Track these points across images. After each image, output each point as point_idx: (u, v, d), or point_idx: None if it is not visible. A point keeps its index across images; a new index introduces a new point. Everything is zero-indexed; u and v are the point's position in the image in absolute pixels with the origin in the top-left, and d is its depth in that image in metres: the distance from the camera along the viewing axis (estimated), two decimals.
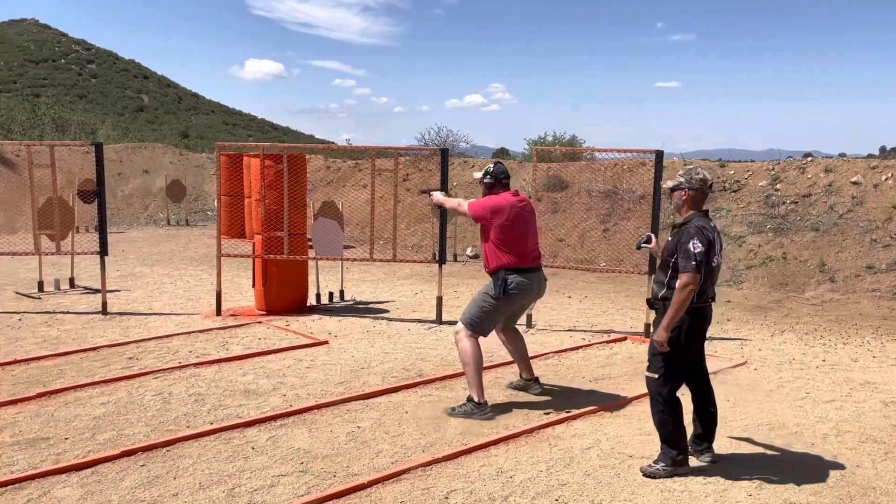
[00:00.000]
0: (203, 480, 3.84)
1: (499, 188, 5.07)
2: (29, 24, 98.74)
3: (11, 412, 4.83)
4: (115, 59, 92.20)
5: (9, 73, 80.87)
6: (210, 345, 6.67)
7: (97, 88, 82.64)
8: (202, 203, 19.80)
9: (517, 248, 4.91)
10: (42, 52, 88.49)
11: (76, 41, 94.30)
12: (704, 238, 3.82)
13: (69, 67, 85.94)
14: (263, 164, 7.86)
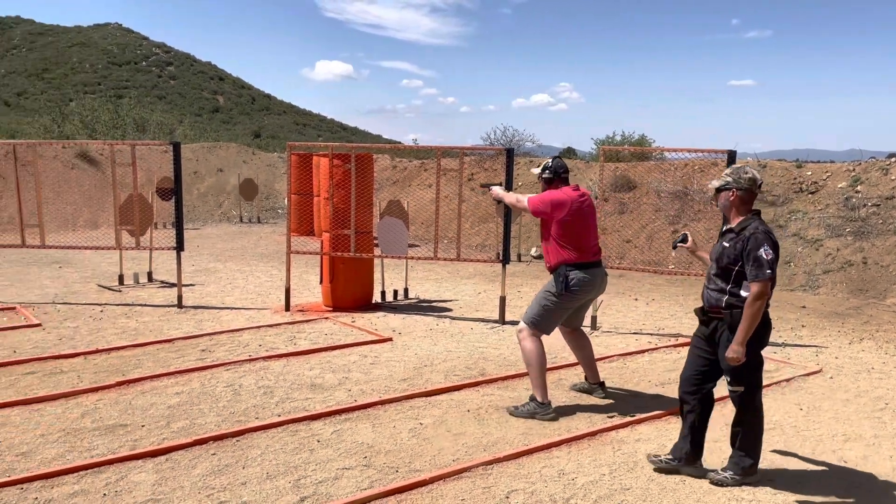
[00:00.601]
0: (270, 471, 3.95)
1: (558, 183, 5.02)
2: (113, 28, 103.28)
3: (93, 399, 5.08)
4: (193, 61, 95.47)
5: (94, 76, 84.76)
6: (279, 339, 6.85)
7: (175, 90, 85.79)
8: (273, 201, 20.32)
9: (578, 243, 4.86)
10: (125, 55, 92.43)
11: (156, 44, 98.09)
12: (774, 243, 3.68)
13: (149, 70, 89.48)
14: (332, 164, 8.01)
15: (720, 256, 3.80)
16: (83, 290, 9.19)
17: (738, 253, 3.70)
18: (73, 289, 9.29)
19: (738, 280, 3.71)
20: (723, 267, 3.78)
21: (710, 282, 3.88)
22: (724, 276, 3.78)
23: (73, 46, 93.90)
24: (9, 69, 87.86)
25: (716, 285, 3.82)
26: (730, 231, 3.83)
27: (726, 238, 3.82)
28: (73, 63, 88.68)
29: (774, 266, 3.63)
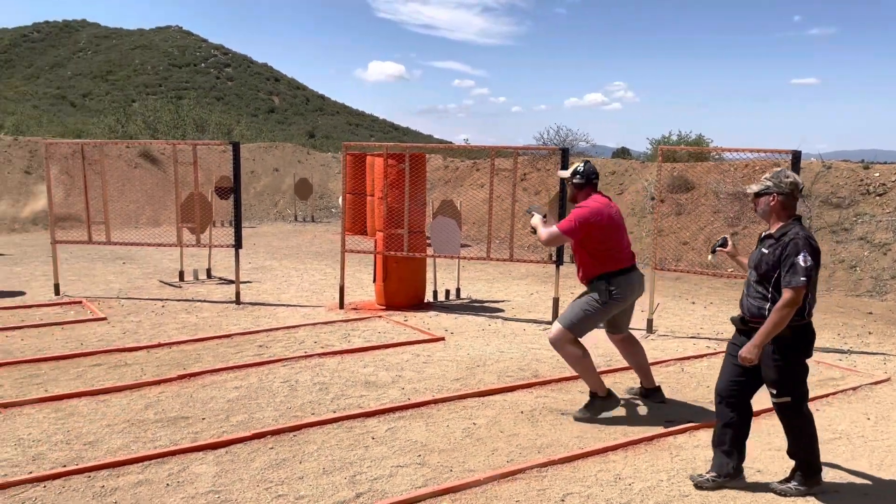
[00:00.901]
0: (326, 466, 4.00)
1: (589, 189, 4.92)
2: (173, 31, 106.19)
3: (156, 391, 5.23)
4: (250, 62, 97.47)
5: (155, 77, 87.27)
6: (333, 336, 6.94)
7: (233, 91, 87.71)
8: (327, 200, 20.60)
9: (616, 250, 4.81)
10: (185, 57, 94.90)
11: (215, 46, 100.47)
12: (814, 249, 3.54)
13: (208, 71, 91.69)
14: (387, 164, 8.07)
15: (759, 263, 3.66)
16: (145, 286, 9.47)
17: (777, 259, 3.57)
18: (135, 284, 9.58)
19: (779, 287, 3.57)
20: (762, 274, 3.64)
21: (750, 289, 3.73)
22: (764, 284, 3.64)
23: (135, 49, 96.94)
24: (75, 71, 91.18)
25: (756, 293, 3.68)
26: (769, 237, 3.70)
27: (765, 244, 3.69)
28: (135, 65, 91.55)
29: (812, 273, 3.50)
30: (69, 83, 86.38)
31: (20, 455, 4.08)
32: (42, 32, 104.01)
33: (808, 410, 3.75)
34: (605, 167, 16.00)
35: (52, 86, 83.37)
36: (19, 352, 6.17)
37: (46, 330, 6.95)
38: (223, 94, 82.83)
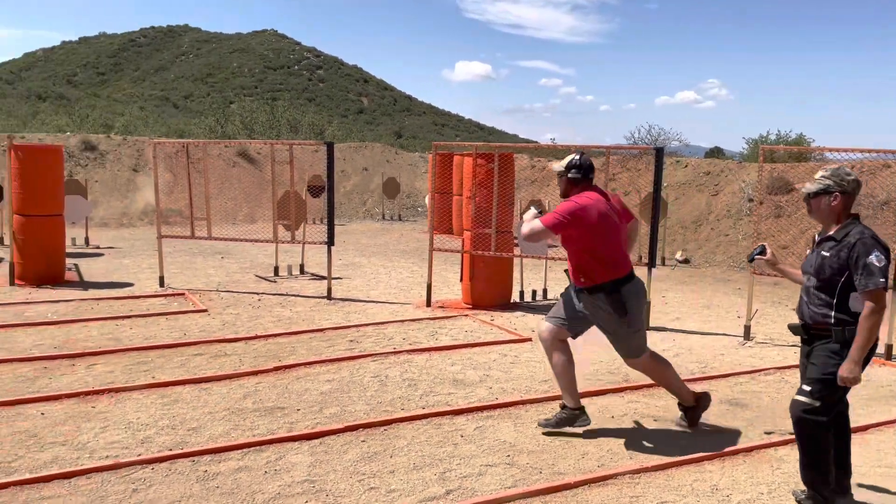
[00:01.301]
0: (417, 462, 4.05)
1: (585, 185, 4.40)
2: (269, 35, 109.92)
3: (253, 381, 5.43)
4: (341, 64, 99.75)
5: (251, 80, 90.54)
6: (421, 334, 7.02)
7: (324, 92, 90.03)
8: (413, 199, 20.86)
9: (614, 251, 4.31)
10: (279, 60, 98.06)
11: (308, 49, 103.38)
12: (885, 248, 3.29)
13: (301, 73, 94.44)
14: (476, 163, 8.10)
15: (821, 268, 3.41)
16: (242, 280, 9.85)
17: (843, 262, 3.33)
18: (233, 278, 9.98)
19: (845, 292, 3.34)
20: (825, 279, 3.39)
21: (811, 297, 3.48)
22: (828, 290, 3.40)
23: (233, 52, 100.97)
24: (178, 74, 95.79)
25: (819, 300, 3.43)
26: (829, 239, 3.44)
27: (825, 247, 3.44)
28: (233, 68, 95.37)
29: (887, 273, 3.26)
30: (172, 85, 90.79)
31: (130, 438, 4.32)
32: (148, 37, 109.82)
33: (830, 426, 3.42)
34: (699, 167, 15.51)
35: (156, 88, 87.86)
36: (128, 340, 6.54)
37: (153, 320, 7.34)
38: (315, 96, 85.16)
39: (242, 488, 3.68)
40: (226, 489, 3.67)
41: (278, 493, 3.64)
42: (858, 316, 3.30)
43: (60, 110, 34.28)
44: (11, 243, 9.06)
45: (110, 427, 4.45)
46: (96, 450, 4.12)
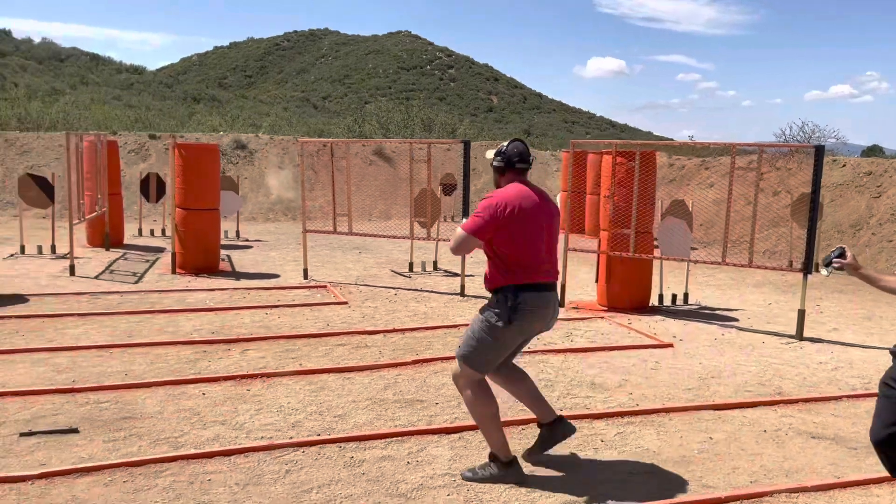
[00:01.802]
0: (544, 461, 4.01)
1: (511, 175, 3.87)
2: (403, 36, 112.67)
3: (393, 373, 5.58)
4: (472, 63, 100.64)
5: (385, 80, 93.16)
6: (555, 334, 6.94)
7: (454, 91, 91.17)
8: None
9: (528, 256, 3.69)
10: (412, 60, 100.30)
11: (440, 49, 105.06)
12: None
13: (433, 73, 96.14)
14: (615, 161, 7.90)
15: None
16: (379, 275, 10.16)
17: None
18: (370, 272, 10.32)
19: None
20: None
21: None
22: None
23: (369, 54, 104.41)
24: (318, 76, 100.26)
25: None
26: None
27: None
28: (368, 69, 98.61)
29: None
30: (312, 87, 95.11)
31: (282, 421, 4.56)
32: (291, 41, 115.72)
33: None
34: (859, 167, 14.35)
35: (297, 89, 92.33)
36: (277, 328, 6.91)
37: (298, 310, 7.71)
38: (445, 95, 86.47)
39: (387, 476, 3.79)
40: (371, 476, 3.79)
41: (421, 485, 3.72)
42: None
43: (213, 111, 36.83)
44: (173, 235, 9.82)
45: (264, 410, 4.72)
46: (252, 430, 4.37)
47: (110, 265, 10.08)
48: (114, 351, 5.89)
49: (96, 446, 4.06)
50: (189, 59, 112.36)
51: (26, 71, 49.27)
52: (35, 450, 3.98)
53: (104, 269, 9.71)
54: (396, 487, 3.68)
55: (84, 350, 5.87)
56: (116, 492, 3.53)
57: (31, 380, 5.12)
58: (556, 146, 28.44)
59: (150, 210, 15.55)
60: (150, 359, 5.73)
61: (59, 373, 5.29)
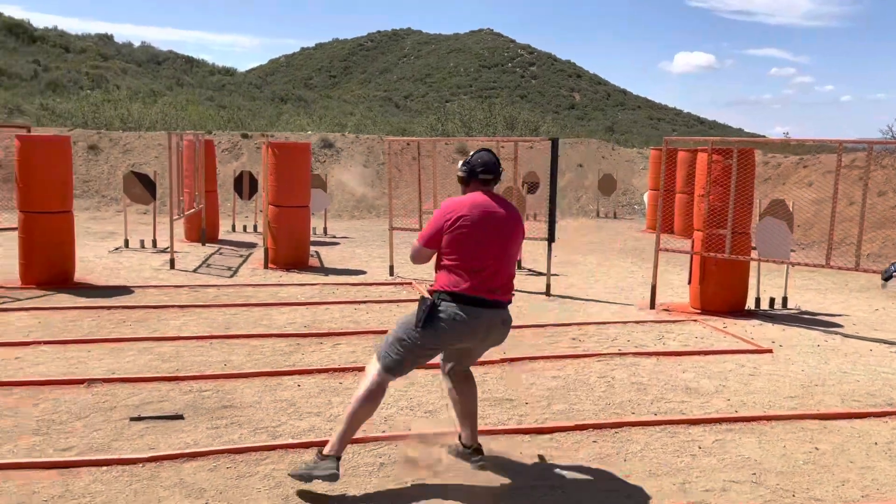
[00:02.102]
0: (652, 469, 3.91)
1: (474, 186, 3.67)
2: (485, 34, 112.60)
3: (480, 371, 5.56)
4: (554, 60, 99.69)
5: (466, 78, 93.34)
6: (647, 336, 6.78)
7: (536, 88, 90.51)
8: (629, 197, 20.27)
9: (466, 264, 3.48)
10: (493, 58, 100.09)
11: (521, 46, 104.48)
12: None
13: (514, 70, 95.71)
14: (711, 159, 7.65)
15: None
16: None
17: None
18: None
19: None
20: None
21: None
22: None
23: (450, 52, 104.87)
24: (400, 75, 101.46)
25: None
26: None
27: None
28: (449, 68, 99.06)
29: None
30: (394, 86, 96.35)
31: (375, 415, 4.61)
32: (374, 41, 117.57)
33: None
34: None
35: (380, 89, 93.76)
36: (365, 323, 7.02)
37: (385, 306, 7.82)
38: (527, 93, 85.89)
39: (479, 475, 3.78)
40: (462, 474, 3.79)
41: (512, 485, 3.70)
42: None
43: (301, 111, 37.85)
44: (265, 231, 10.14)
45: None
46: None
47: (207, 259, 10.51)
48: (213, 342, 6.13)
49: (200, 433, 4.23)
50: (277, 60, 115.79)
51: (127, 74, 51.94)
52: (144, 434, 4.18)
53: (201, 263, 10.12)
54: (493, 484, 3.67)
55: (186, 340, 6.14)
56: (220, 477, 3.67)
57: (139, 367, 5.39)
58: (641, 143, 27.79)
59: (242, 207, 16.12)
60: (247, 350, 5.94)
61: (164, 361, 5.54)
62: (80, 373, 5.19)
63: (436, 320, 3.45)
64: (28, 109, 25.70)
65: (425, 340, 3.49)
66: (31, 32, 55.01)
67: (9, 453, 3.87)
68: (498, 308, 3.56)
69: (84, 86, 39.24)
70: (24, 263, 8.14)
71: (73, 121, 23.10)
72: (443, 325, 3.45)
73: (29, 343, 5.87)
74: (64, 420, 4.33)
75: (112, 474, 3.66)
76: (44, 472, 3.65)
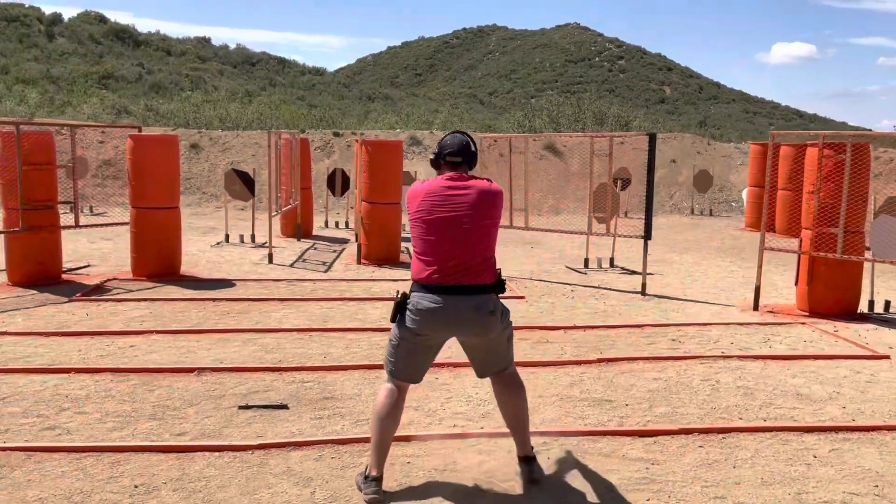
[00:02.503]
0: (765, 477, 3.74)
1: (444, 169, 3.55)
2: (571, 28, 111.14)
3: (577, 371, 5.49)
4: (643, 54, 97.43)
5: (552, 74, 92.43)
6: (751, 339, 6.51)
7: (624, 83, 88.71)
8: (726, 194, 19.55)
9: (428, 252, 3.40)
10: (580, 53, 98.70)
11: (609, 40, 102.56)
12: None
13: (601, 65, 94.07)
14: (821, 154, 7.26)
15: None
16: (553, 270, 10.07)
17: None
18: (544, 268, 10.25)
19: None
20: None
21: None
22: None
23: (536, 48, 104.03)
24: (484, 72, 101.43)
25: None
26: None
27: None
28: (535, 63, 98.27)
29: None
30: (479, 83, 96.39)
31: (472, 410, 4.63)
32: (460, 38, 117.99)
33: None
34: None
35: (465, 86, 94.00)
36: None
37: None
38: (614, 87, 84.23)
39: (576, 476, 3.73)
40: (566, 474, 3.74)
41: (617, 485, 3.62)
42: None
43: (388, 109, 38.41)
44: (357, 227, 10.33)
45: (454, 398, 4.82)
46: (444, 418, 4.48)
47: (302, 254, 10.81)
48: (312, 334, 6.29)
49: (305, 422, 4.34)
50: (364, 59, 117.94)
51: (223, 75, 54.14)
52: (252, 422, 4.33)
53: (297, 258, 10.42)
54: (594, 486, 3.61)
55: (286, 332, 6.32)
56: (326, 467, 3.75)
57: (244, 357, 5.59)
58: (738, 138, 26.73)
59: (334, 203, 16.49)
60: (344, 343, 6.06)
61: (267, 352, 5.73)
62: (190, 361, 5.43)
63: (405, 312, 3.41)
64: (134, 110, 27.16)
65: (403, 334, 3.44)
66: (136, 37, 58.15)
67: (129, 436, 4.09)
68: (466, 294, 3.38)
69: (184, 87, 41.16)
70: (136, 257, 8.60)
71: (175, 120, 24.26)
72: (412, 317, 3.39)
73: (142, 332, 6.19)
74: (177, 406, 4.54)
75: (224, 460, 3.80)
76: (161, 456, 3.83)
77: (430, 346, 3.51)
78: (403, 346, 3.46)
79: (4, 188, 8.01)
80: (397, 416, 3.49)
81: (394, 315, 3.43)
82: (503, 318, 3.53)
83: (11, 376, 5.00)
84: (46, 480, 3.54)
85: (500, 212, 3.58)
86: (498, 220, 3.52)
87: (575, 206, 16.31)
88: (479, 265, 3.42)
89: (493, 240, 3.50)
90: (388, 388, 3.50)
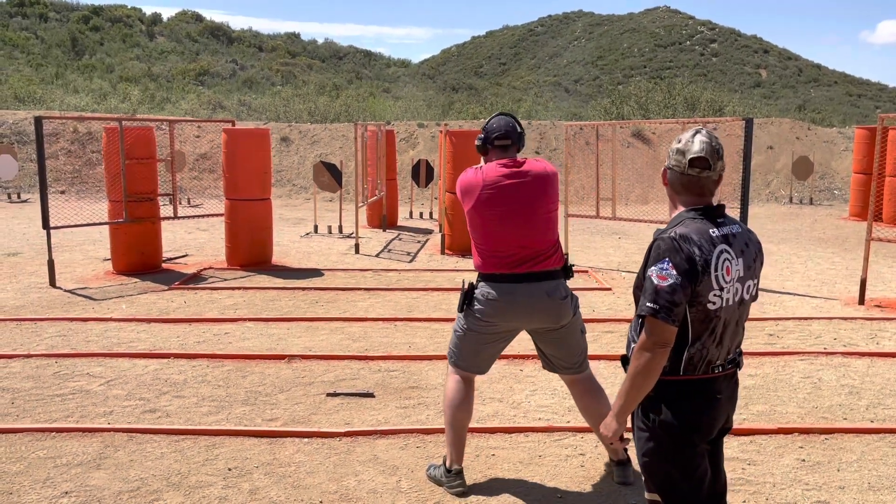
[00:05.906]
0: (873, 482, 3.52)
1: (494, 154, 3.41)
2: (661, 12, 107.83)
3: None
4: (738, 36, 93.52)
5: (640, 59, 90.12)
6: (857, 335, 6.13)
7: (717, 66, 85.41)
8: (828, 181, 18.52)
9: (492, 243, 3.31)
10: (670, 37, 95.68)
11: (701, 23, 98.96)
12: (680, 257, 2.13)
13: (693, 48, 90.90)
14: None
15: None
16: (640, 261, 9.78)
17: (640, 274, 2.25)
18: (632, 259, 9.99)
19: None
20: (635, 296, 2.27)
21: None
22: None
23: (624, 33, 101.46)
24: (570, 59, 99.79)
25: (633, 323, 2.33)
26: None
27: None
28: (623, 49, 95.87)
29: (669, 298, 2.10)
30: (564, 70, 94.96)
31: (557, 404, 4.56)
32: (545, 26, 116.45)
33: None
34: None
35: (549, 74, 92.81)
36: None
37: None
38: (707, 71, 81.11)
39: None
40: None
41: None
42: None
43: (471, 99, 38.36)
44: (441, 218, 10.35)
45: (538, 391, 4.76)
46: (529, 411, 4.43)
47: (387, 245, 10.94)
48: (398, 324, 6.35)
49: (390, 411, 4.39)
50: (449, 50, 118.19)
51: (312, 69, 55.44)
52: (339, 409, 4.41)
53: (383, 248, 10.56)
54: None
55: (373, 322, 6.41)
56: (411, 456, 3.78)
57: (331, 346, 5.70)
58: (840, 122, 25.23)
59: (418, 194, 16.62)
60: (429, 333, 6.09)
61: (354, 341, 5.83)
62: (280, 349, 5.59)
63: (475, 303, 3.35)
64: (228, 105, 28.20)
65: (470, 324, 3.38)
66: (230, 34, 60.35)
67: (223, 420, 4.24)
68: (536, 281, 3.29)
69: (275, 82, 42.42)
70: (230, 246, 8.92)
71: (266, 115, 25.03)
72: (479, 307, 3.33)
73: (236, 320, 6.42)
74: (269, 392, 4.68)
75: (313, 446, 3.89)
76: (254, 440, 3.96)
77: (499, 337, 3.43)
78: (471, 337, 3.40)
79: (109, 181, 8.47)
80: (469, 407, 3.47)
81: (461, 304, 3.39)
82: (573, 305, 3.42)
83: (117, 360, 5.28)
84: (147, 461, 3.71)
85: (558, 190, 3.50)
86: (557, 201, 3.45)
87: (664, 195, 15.84)
88: (548, 250, 3.35)
89: (556, 223, 3.43)
90: (456, 379, 3.47)
